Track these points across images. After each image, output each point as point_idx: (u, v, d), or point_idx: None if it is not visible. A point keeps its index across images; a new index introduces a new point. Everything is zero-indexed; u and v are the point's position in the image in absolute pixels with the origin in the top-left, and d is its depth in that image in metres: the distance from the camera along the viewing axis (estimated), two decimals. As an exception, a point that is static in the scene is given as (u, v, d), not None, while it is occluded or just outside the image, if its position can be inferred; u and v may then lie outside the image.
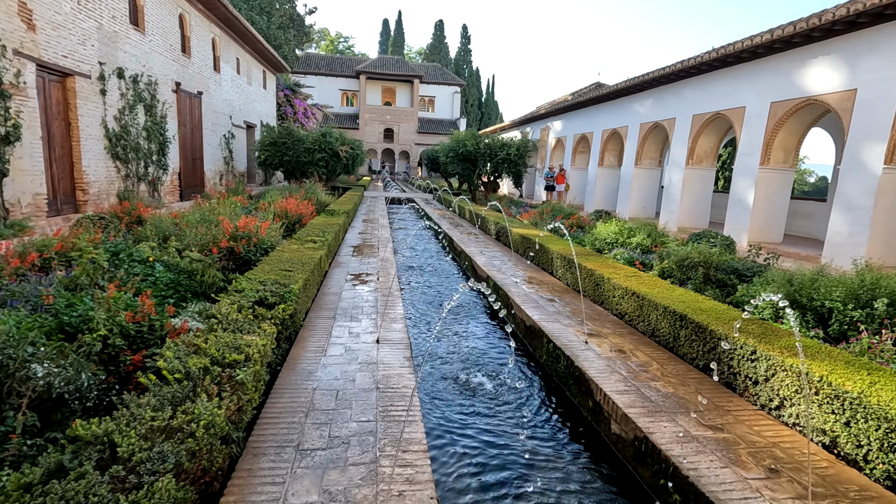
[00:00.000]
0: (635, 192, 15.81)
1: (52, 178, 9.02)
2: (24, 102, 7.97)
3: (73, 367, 3.10)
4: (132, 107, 11.38)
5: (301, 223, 9.79)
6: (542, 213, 12.68)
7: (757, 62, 10.64)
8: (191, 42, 14.87)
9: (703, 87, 12.43)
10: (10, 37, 7.66)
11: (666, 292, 4.71)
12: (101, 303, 3.81)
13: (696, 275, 6.29)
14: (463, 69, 57.14)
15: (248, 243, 6.53)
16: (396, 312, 4.88)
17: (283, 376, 3.34)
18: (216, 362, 2.58)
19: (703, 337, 3.78)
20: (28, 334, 3.17)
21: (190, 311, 4.71)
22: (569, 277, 6.57)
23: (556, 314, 5.16)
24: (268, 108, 25.19)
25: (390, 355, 3.79)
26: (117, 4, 10.81)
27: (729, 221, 11.20)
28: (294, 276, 4.53)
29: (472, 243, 9.71)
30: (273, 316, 3.48)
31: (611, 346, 4.28)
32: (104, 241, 6.02)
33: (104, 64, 10.30)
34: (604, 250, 8.58)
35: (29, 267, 4.96)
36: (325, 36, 66.35)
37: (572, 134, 20.93)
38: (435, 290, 7.11)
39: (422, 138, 45.64)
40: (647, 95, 15.08)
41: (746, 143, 10.82)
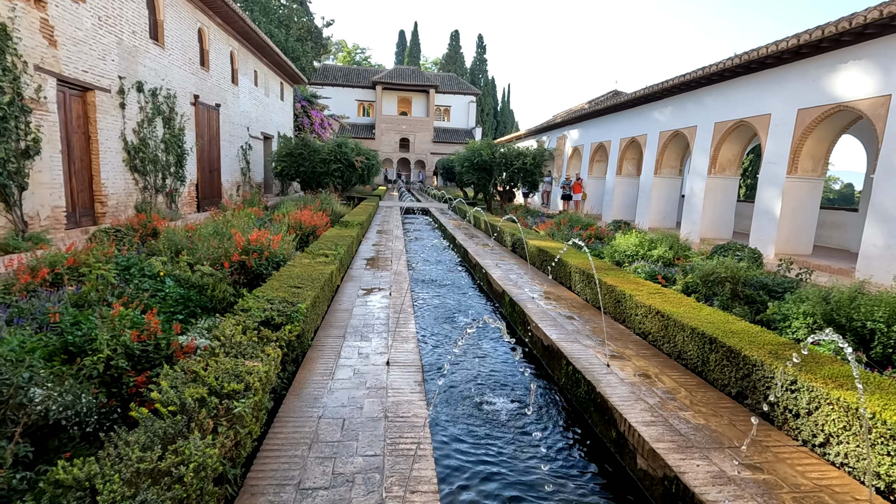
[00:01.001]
0: (655, 202, 15.44)
1: (72, 190, 9.12)
2: (44, 117, 8.07)
3: (72, 393, 2.99)
4: (151, 119, 11.51)
5: (315, 235, 9.72)
6: (559, 223, 12.41)
7: (782, 68, 10.29)
8: (209, 55, 15.07)
9: (725, 94, 12.09)
10: (31, 53, 7.77)
11: (693, 312, 4.44)
12: (106, 322, 3.72)
13: (722, 291, 5.99)
14: (478, 78, 57.25)
15: (260, 257, 6.44)
16: (408, 331, 4.70)
17: (288, 402, 3.18)
18: (214, 392, 2.43)
19: (736, 362, 3.52)
20: (26, 358, 3.08)
21: (199, 328, 4.61)
22: (588, 293, 6.32)
23: (576, 333, 4.92)
24: (285, 119, 25.45)
25: (401, 379, 3.61)
26: (138, 20, 10.98)
27: (755, 232, 10.80)
28: (303, 293, 4.39)
29: (487, 255, 9.51)
30: (279, 338, 3.34)
31: (634, 369, 4.04)
32: (117, 255, 5.98)
33: (124, 78, 10.44)
34: (623, 263, 8.30)
35: (40, 282, 4.93)
36: (343, 47, 67.25)
37: (589, 142, 20.64)
38: (449, 306, 6.92)
39: (437, 148, 45.71)
40: (666, 103, 14.77)
41: (772, 151, 10.45)
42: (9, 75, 7.23)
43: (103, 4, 9.69)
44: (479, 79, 57.20)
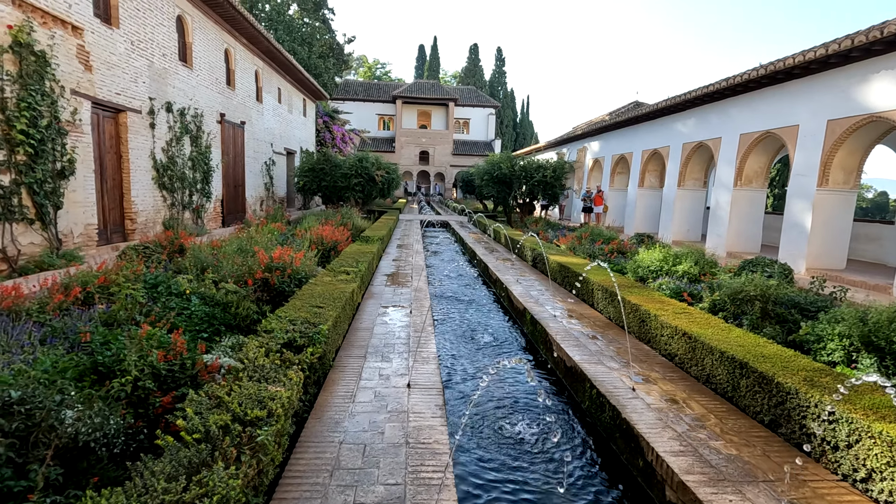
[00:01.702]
0: (679, 214, 15.16)
1: (103, 208, 9.42)
2: (79, 138, 8.39)
3: (101, 414, 3.05)
4: (179, 138, 11.85)
5: (336, 250, 9.82)
6: (581, 237, 12.28)
7: (810, 78, 10.06)
8: (235, 75, 15.50)
9: (751, 104, 11.86)
10: (68, 77, 8.11)
11: (721, 333, 4.31)
12: (134, 342, 3.80)
13: (752, 310, 5.81)
14: (497, 91, 57.54)
15: (283, 274, 6.53)
16: (429, 351, 4.68)
17: (310, 426, 3.19)
18: (237, 419, 2.45)
19: (769, 389, 3.39)
20: (58, 379, 3.16)
21: (223, 346, 4.67)
22: (611, 311, 6.21)
23: (599, 354, 4.83)
24: (307, 134, 25.94)
25: (421, 403, 3.58)
26: (168, 43, 11.38)
27: (784, 247, 10.49)
28: (325, 313, 4.42)
29: (507, 271, 9.45)
30: (301, 360, 3.36)
31: (661, 393, 3.92)
32: (145, 273, 6.13)
33: (154, 99, 10.80)
34: (647, 279, 8.14)
35: (72, 301, 5.08)
36: (364, 63, 68.47)
37: (610, 154, 20.46)
38: (469, 323, 6.87)
39: (457, 160, 45.93)
40: (689, 114, 14.56)
41: (801, 163, 10.17)
42: (47, 100, 7.55)
43: (136, 29, 10.07)
44: (497, 91, 57.48)
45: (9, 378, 3.08)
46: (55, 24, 7.84)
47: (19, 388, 2.91)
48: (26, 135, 7.15)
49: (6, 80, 6.92)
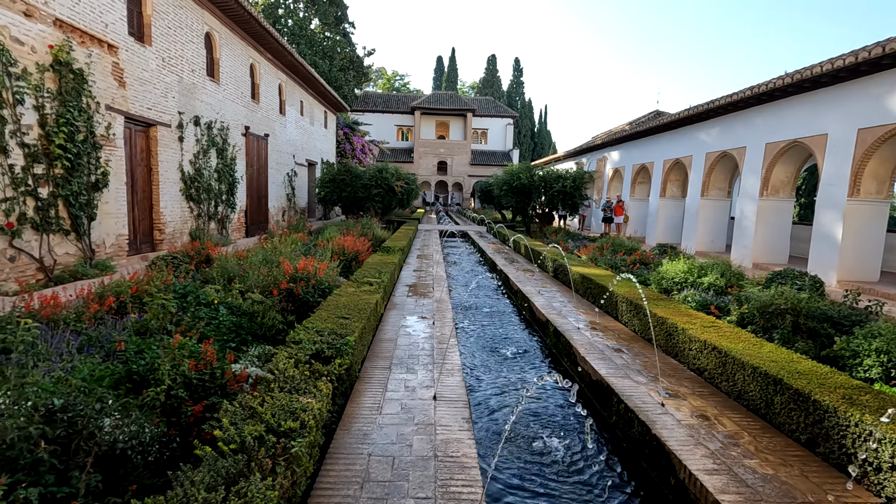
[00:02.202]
0: (702, 225, 14.92)
1: (134, 219, 9.70)
2: (112, 152, 8.68)
3: (136, 423, 3.12)
4: (206, 151, 12.17)
5: (357, 260, 9.92)
6: (602, 247, 12.17)
7: (839, 86, 9.86)
8: (260, 89, 15.88)
9: (776, 113, 11.67)
10: (103, 94, 8.42)
11: (752, 348, 4.22)
12: (167, 352, 3.89)
13: (782, 323, 5.67)
14: (515, 101, 57.70)
15: (307, 285, 6.61)
16: (453, 363, 4.68)
17: (339, 438, 3.21)
18: (271, 430, 2.48)
19: (805, 407, 3.30)
20: (97, 388, 3.25)
21: (250, 356, 4.75)
22: (636, 324, 6.12)
23: (626, 368, 4.76)
24: (328, 145, 26.35)
25: (448, 415, 3.58)
26: (196, 59, 11.73)
27: (814, 258, 10.23)
28: (350, 324, 4.46)
29: (528, 282, 9.41)
30: (329, 372, 3.39)
31: (691, 409, 3.85)
32: (174, 283, 6.28)
33: (183, 113, 11.12)
34: (672, 290, 8.01)
35: (106, 310, 5.23)
36: (382, 74, 69.46)
37: (631, 164, 20.29)
38: (491, 335, 6.85)
39: (475, 170, 46.08)
40: (712, 124, 14.38)
41: (831, 172, 9.95)
42: (83, 115, 7.85)
43: (167, 47, 10.43)
44: (515, 101, 57.64)
45: (50, 386, 3.19)
46: (92, 43, 8.16)
47: (61, 396, 3.00)
48: (64, 149, 7.43)
49: (46, 97, 7.22)
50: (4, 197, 6.62)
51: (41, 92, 7.10)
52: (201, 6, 11.74)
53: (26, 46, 6.89)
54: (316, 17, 33.48)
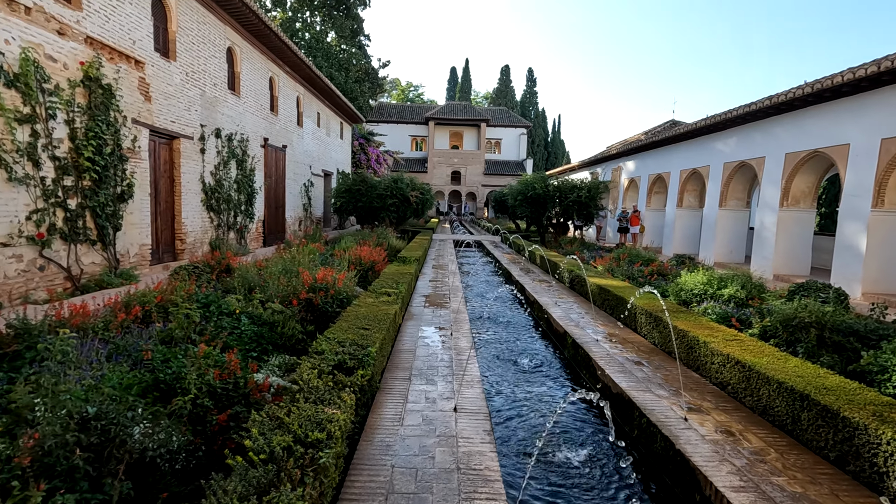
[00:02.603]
0: (721, 235, 14.74)
1: (156, 229, 9.92)
2: (137, 164, 8.91)
3: (165, 431, 3.19)
4: (226, 162, 12.42)
5: (374, 270, 9.99)
6: (619, 258, 12.08)
7: (861, 96, 9.73)
8: (278, 101, 16.18)
9: (796, 123, 11.54)
10: (130, 108, 8.67)
11: (778, 363, 4.16)
12: (193, 361, 3.96)
13: (807, 337, 5.57)
14: (529, 111, 57.84)
15: (326, 295, 6.69)
16: (472, 374, 4.69)
17: (362, 449, 3.24)
18: (299, 441, 2.52)
19: (833, 424, 3.24)
20: (128, 396, 3.33)
21: (271, 365, 4.82)
22: (656, 336, 6.07)
23: (647, 381, 4.72)
24: (344, 156, 26.67)
25: (469, 427, 3.59)
26: (218, 73, 12.02)
27: (837, 270, 10.03)
28: (371, 335, 4.51)
29: (545, 293, 9.38)
30: (352, 383, 3.43)
31: (715, 424, 3.80)
32: (197, 293, 6.40)
33: (205, 126, 11.39)
34: (691, 302, 7.92)
35: (132, 319, 5.35)
36: (397, 85, 70.22)
37: (647, 174, 20.18)
38: (509, 346, 6.84)
39: (488, 180, 46.17)
40: (730, 133, 14.26)
41: (853, 183, 9.79)
42: (111, 129, 8.09)
43: (190, 62, 10.71)
44: (529, 111, 57.78)
45: (82, 394, 3.27)
46: (120, 59, 8.43)
47: (94, 404, 3.08)
48: (92, 161, 7.65)
49: (77, 111, 7.46)
50: (36, 208, 6.83)
51: (72, 107, 7.34)
52: (224, 22, 12.05)
53: (59, 63, 7.15)
54: (332, 31, 34.08)
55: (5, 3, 6.27)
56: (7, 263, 6.44)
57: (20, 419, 3.12)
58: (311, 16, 33.79)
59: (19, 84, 6.45)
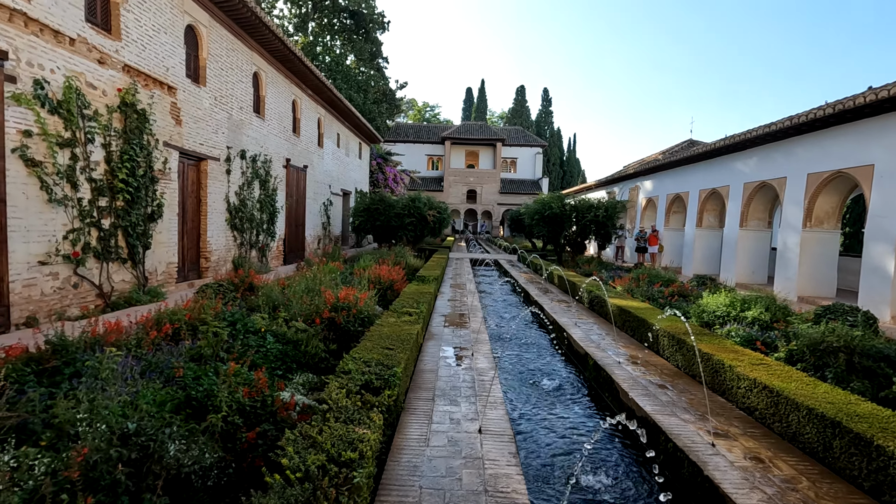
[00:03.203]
0: (742, 256, 14.55)
1: (183, 248, 10.19)
2: (167, 185, 9.23)
3: (199, 447, 3.28)
4: (250, 182, 12.75)
5: (392, 288, 10.09)
6: (638, 278, 12.00)
7: (884, 117, 9.65)
8: (300, 123, 16.62)
9: (818, 143, 11.46)
10: (162, 131, 9.02)
11: (806, 388, 4.10)
12: (225, 379, 4.07)
13: (836, 362, 5.47)
14: (544, 130, 58.21)
15: (348, 314, 6.79)
16: (495, 396, 4.71)
17: (390, 469, 3.28)
18: (332, 460, 2.58)
19: (867, 452, 3.19)
20: (164, 413, 3.44)
21: (295, 384, 4.91)
22: (679, 359, 6.01)
23: (671, 405, 4.68)
24: (362, 175, 27.11)
25: (495, 449, 3.61)
26: (245, 97, 12.44)
27: (864, 292, 9.83)
28: (395, 355, 4.57)
29: (564, 313, 9.36)
30: (379, 403, 3.49)
31: (744, 451, 3.75)
32: (223, 311, 6.55)
33: (231, 147, 11.75)
34: (714, 324, 7.83)
35: (163, 337, 5.50)
36: (413, 105, 71.38)
37: (664, 193, 20.09)
38: (530, 367, 6.84)
39: (504, 198, 46.34)
40: (750, 154, 14.19)
41: (879, 204, 9.64)
42: (144, 151, 8.41)
43: (219, 87, 11.12)
44: (544, 130, 58.14)
45: (119, 409, 3.39)
46: (155, 85, 8.81)
47: (134, 421, 3.19)
48: (126, 183, 7.96)
49: (113, 135, 7.79)
50: (72, 228, 7.11)
51: (109, 131, 7.68)
52: (251, 48, 12.52)
53: (98, 90, 7.51)
54: (352, 54, 35.01)
55: (52, 35, 6.65)
56: (44, 281, 6.69)
57: (63, 433, 3.25)
58: (331, 40, 34.80)
59: (62, 111, 6.79)
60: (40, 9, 6.43)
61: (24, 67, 6.23)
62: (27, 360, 4.42)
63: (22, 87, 6.21)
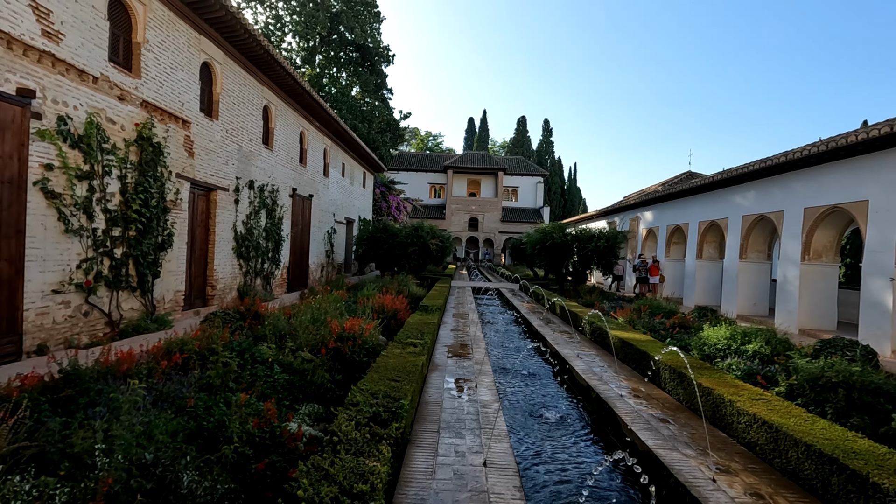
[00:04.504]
0: (743, 288, 14.67)
1: (190, 276, 10.36)
2: (178, 215, 9.46)
3: (211, 479, 3.36)
4: (257, 212, 13.01)
5: (396, 318, 10.21)
6: (639, 309, 12.10)
7: (878, 154, 9.93)
8: (307, 153, 17.03)
9: (814, 178, 11.74)
10: (175, 163, 9.31)
11: (805, 425, 4.18)
12: (235, 410, 4.16)
13: (835, 397, 5.54)
14: (545, 159, 59.09)
15: (354, 344, 6.89)
16: (500, 429, 4.78)
17: (398, 502, 3.35)
18: (345, 492, 2.68)
19: (864, 489, 3.26)
20: (179, 444, 3.53)
21: (301, 414, 4.98)
22: (680, 393, 6.08)
23: (673, 440, 4.74)
24: (366, 204, 27.49)
25: (499, 483, 3.67)
26: (255, 129, 12.83)
27: (864, 327, 9.91)
28: (402, 387, 4.67)
29: (566, 345, 9.43)
30: (388, 435, 3.58)
31: (744, 486, 3.81)
32: (231, 341, 6.66)
33: (240, 178, 12.05)
34: (714, 357, 7.90)
35: (173, 366, 5.60)
36: (416, 135, 72.72)
37: (665, 225, 20.34)
38: (532, 400, 6.89)
39: (505, 226, 46.72)
40: (748, 187, 14.48)
41: (875, 239, 9.83)
42: (157, 183, 8.68)
43: (231, 120, 11.50)
44: (545, 160, 59.02)
45: (133, 439, 3.48)
46: (170, 119, 9.15)
47: (150, 451, 3.29)
48: (139, 213, 8.19)
49: (129, 168, 8.06)
50: (86, 257, 7.30)
51: (125, 164, 7.96)
52: (261, 83, 12.98)
53: (117, 125, 7.82)
54: (357, 85, 35.95)
55: (77, 74, 6.99)
56: (56, 309, 6.83)
57: (80, 463, 3.34)
58: (337, 72, 35.80)
59: (82, 145, 7.08)
60: (67, 50, 6.79)
61: (49, 105, 6.53)
62: (42, 389, 4.53)
63: (46, 123, 6.50)
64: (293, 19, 32.81)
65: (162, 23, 8.80)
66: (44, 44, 6.39)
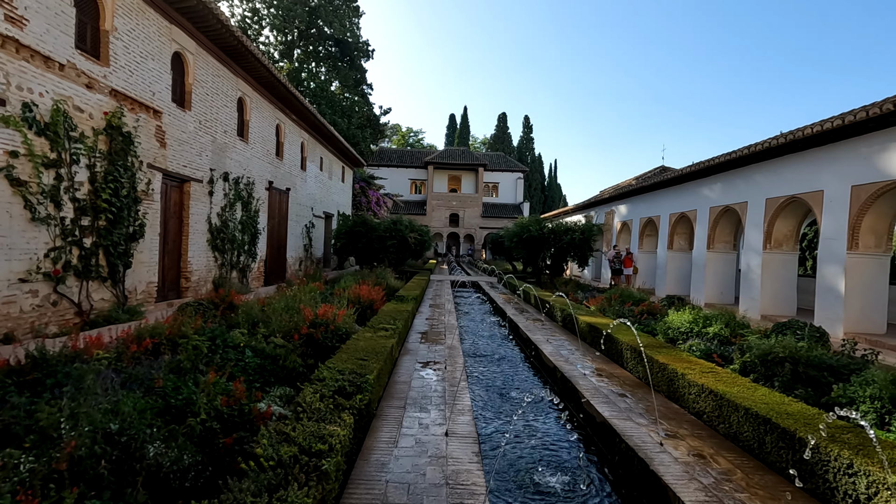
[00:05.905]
0: (710, 277, 15.16)
1: (163, 268, 10.30)
2: (149, 205, 9.41)
3: (178, 449, 3.47)
4: (232, 204, 12.96)
5: (372, 308, 10.31)
6: (611, 298, 12.44)
7: (832, 146, 10.41)
8: (284, 146, 16.96)
9: (775, 170, 12.21)
10: (146, 153, 9.25)
11: (747, 392, 4.47)
12: (203, 388, 4.26)
13: (782, 371, 5.88)
14: (525, 156, 59.57)
15: (326, 330, 7.00)
16: (464, 404, 4.96)
17: (359, 467, 3.51)
18: (304, 451, 2.82)
19: (792, 445, 3.53)
20: (146, 416, 3.62)
21: (272, 396, 5.09)
22: (640, 371, 6.36)
23: (629, 411, 5.00)
24: (345, 198, 27.42)
25: (459, 450, 3.86)
26: (229, 121, 12.76)
27: (819, 310, 10.40)
28: (369, 365, 4.82)
29: (538, 331, 9.68)
30: (351, 406, 3.73)
31: (688, 448, 4.07)
32: (203, 327, 6.71)
33: (214, 170, 11.99)
34: (678, 340, 8.23)
35: (143, 351, 5.65)
36: (398, 131, 72.52)
37: (638, 217, 20.82)
38: (501, 380, 7.10)
39: (486, 222, 47.02)
40: (715, 179, 14.96)
41: (829, 227, 10.31)
42: (128, 173, 8.62)
43: (204, 111, 11.43)
44: (525, 156, 59.51)
45: (100, 415, 3.56)
46: (141, 109, 9.08)
47: (116, 422, 3.38)
48: (109, 203, 8.14)
49: (98, 157, 8.01)
50: (54, 246, 7.24)
51: (94, 153, 7.90)
52: (236, 75, 12.91)
53: (85, 113, 7.76)
54: (336, 80, 35.77)
55: (42, 61, 6.92)
56: (24, 298, 6.78)
57: (46, 437, 3.41)
58: (316, 67, 35.55)
59: (49, 132, 7.01)
60: (32, 36, 6.72)
61: (13, 91, 6.47)
62: (8, 373, 4.55)
63: (11, 109, 6.44)
64: (271, 13, 32.46)
65: (131, 11, 8.73)
66: (7, 28, 6.32)
